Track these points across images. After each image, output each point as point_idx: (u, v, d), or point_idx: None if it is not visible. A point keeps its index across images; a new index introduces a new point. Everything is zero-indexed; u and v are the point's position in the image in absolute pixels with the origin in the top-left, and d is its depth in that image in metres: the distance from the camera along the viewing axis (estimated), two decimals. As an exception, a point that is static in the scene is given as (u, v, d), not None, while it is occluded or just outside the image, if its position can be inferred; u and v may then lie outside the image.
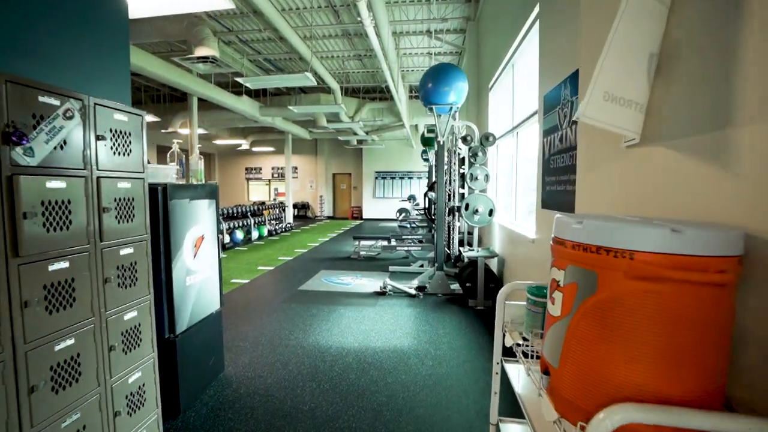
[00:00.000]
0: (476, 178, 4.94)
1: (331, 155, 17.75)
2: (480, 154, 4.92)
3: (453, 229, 5.50)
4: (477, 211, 4.78)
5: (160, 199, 2.26)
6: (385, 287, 5.21)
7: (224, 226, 9.36)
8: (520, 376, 1.72)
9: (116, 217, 1.69)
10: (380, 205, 17.08)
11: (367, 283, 5.85)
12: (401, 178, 16.94)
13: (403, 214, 11.64)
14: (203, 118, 11.34)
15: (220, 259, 2.93)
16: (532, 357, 1.30)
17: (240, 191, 18.97)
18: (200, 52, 4.66)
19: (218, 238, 2.90)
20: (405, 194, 16.36)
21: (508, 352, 1.59)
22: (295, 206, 17.54)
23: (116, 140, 1.69)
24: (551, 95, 2.84)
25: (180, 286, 2.43)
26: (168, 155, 2.69)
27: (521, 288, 1.82)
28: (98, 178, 1.59)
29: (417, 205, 13.06)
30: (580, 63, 1.95)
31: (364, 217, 17.34)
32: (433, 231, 7.25)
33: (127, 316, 1.76)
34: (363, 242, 8.23)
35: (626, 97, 1.07)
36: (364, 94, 12.80)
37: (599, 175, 1.64)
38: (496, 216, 4.91)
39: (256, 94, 11.56)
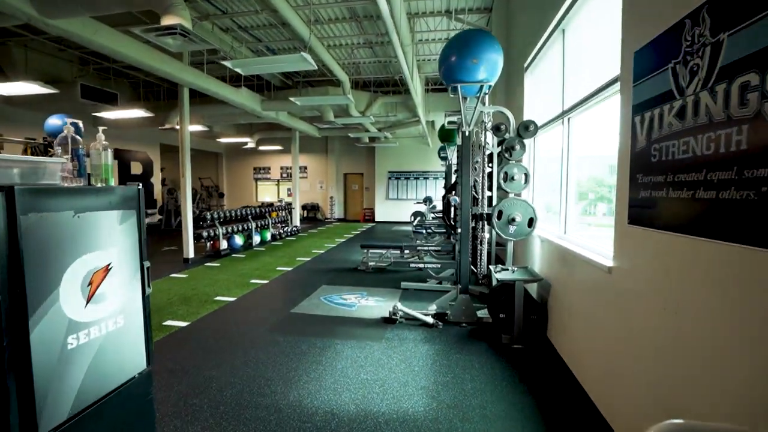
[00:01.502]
0: (512, 178, 3.88)
1: (342, 154, 16.81)
2: (518, 147, 3.85)
3: (482, 241, 4.44)
4: (513, 220, 3.73)
5: (-3, 212, 1.32)
6: (395, 313, 4.21)
7: (221, 230, 8.53)
8: None
9: None
10: (394, 207, 16.05)
11: (374, 304, 4.85)
12: (416, 178, 15.88)
13: (418, 218, 10.58)
14: (201, 113, 10.53)
15: (146, 297, 1.98)
16: None
17: (248, 192, 18.22)
18: (167, 21, 3.76)
19: (143, 265, 1.95)
20: (420, 195, 15.28)
21: None
22: (304, 207, 16.67)
23: None
24: (655, 48, 1.80)
25: (51, 353, 1.48)
26: (56, 143, 1.75)
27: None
28: None
29: (434, 207, 11.96)
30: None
31: (376, 219, 16.34)
32: (453, 239, 6.21)
33: None
34: (372, 251, 7.23)
35: None
36: (376, 88, 11.81)
37: None
38: (537, 227, 3.85)
39: (260, 89, 10.69)
